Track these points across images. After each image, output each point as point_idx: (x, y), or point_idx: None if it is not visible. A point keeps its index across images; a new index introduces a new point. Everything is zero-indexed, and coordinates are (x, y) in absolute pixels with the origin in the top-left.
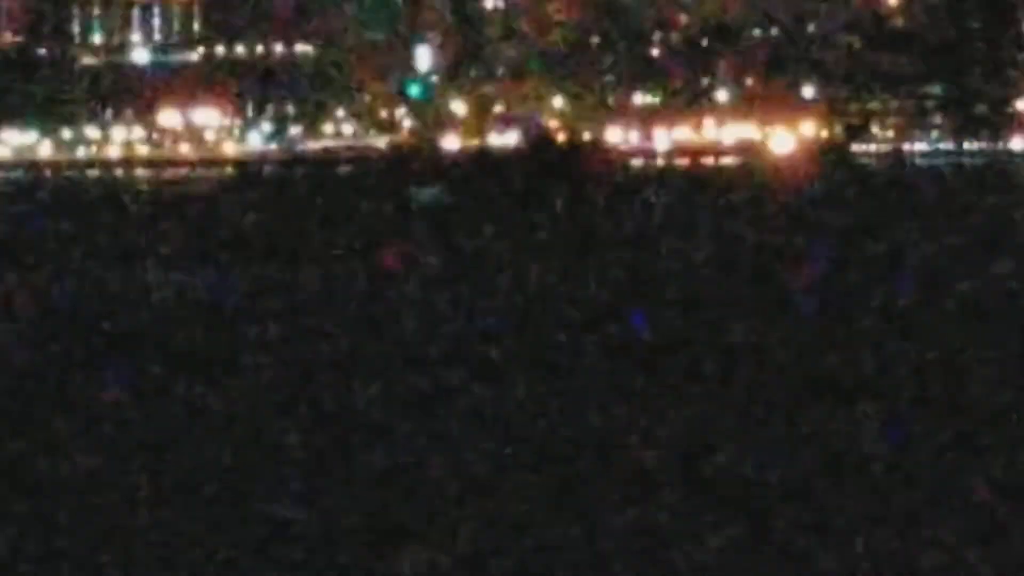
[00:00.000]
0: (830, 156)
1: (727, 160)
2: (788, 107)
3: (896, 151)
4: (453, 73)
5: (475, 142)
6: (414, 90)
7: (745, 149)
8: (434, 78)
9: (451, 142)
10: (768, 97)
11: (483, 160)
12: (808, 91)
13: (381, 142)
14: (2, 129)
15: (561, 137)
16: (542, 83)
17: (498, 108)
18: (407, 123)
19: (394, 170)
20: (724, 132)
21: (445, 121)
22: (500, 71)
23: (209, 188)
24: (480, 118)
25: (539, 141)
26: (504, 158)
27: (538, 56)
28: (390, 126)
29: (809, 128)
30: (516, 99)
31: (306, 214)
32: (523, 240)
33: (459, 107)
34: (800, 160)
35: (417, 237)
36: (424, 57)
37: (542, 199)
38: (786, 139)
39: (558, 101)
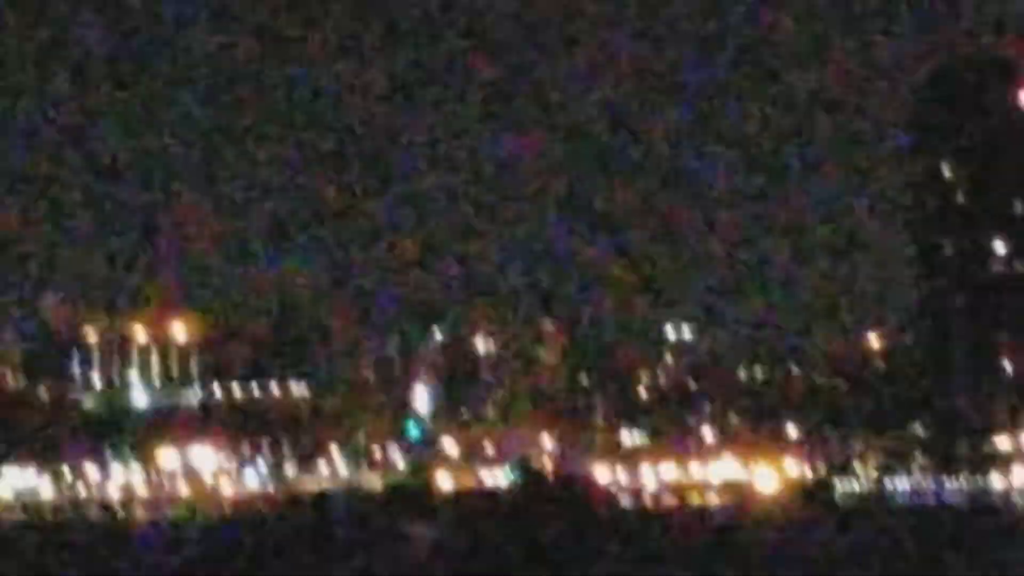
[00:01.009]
0: (814, 495)
1: (713, 499)
2: (772, 446)
3: (879, 489)
4: (448, 414)
5: (468, 481)
6: (413, 433)
7: (731, 488)
8: (428, 421)
9: (444, 481)
10: (751, 435)
11: (477, 499)
12: (792, 431)
13: (375, 481)
14: (2, 467)
15: (551, 474)
16: (532, 423)
17: (489, 447)
18: (401, 463)
19: (389, 508)
20: (710, 471)
21: (439, 460)
22: (491, 412)
23: (206, 528)
24: (472, 457)
25: (532, 480)
26: (497, 497)
27: (528, 397)
28: (384, 465)
29: (792, 466)
30: (506, 438)
31: (297, 557)
32: None
33: (452, 446)
34: (779, 500)
35: None
36: (423, 398)
37: (536, 538)
38: (770, 478)
39: (547, 440)
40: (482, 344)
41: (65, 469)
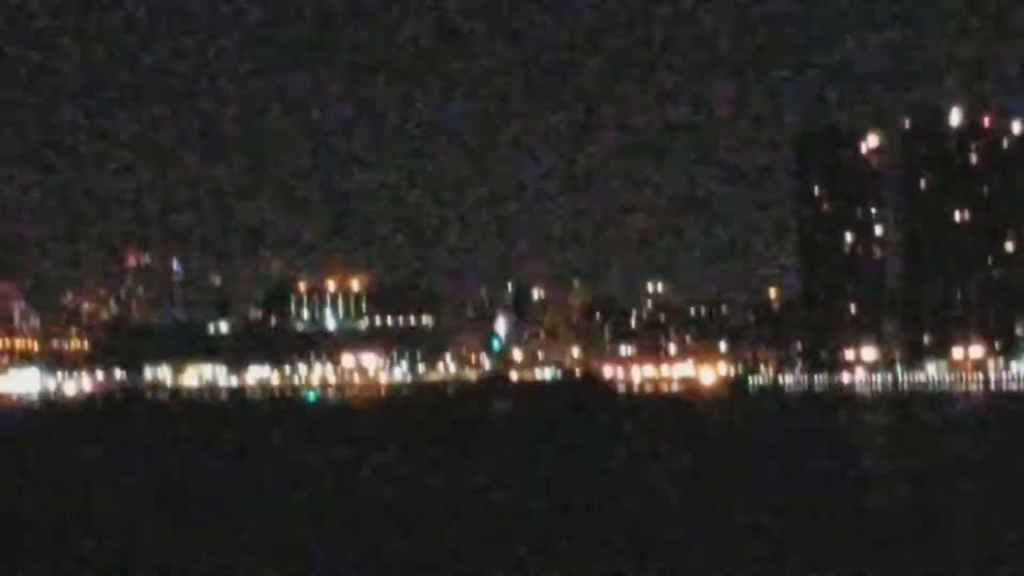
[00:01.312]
0: (735, 387)
1: (674, 387)
2: (711, 354)
3: (774, 383)
4: (516, 334)
5: (528, 376)
6: (496, 346)
7: (686, 381)
8: (504, 339)
9: (513, 375)
10: (698, 349)
11: (533, 386)
12: (723, 346)
13: (475, 374)
14: (252, 367)
15: (577, 372)
16: (566, 340)
17: (540, 355)
18: (487, 364)
19: (480, 391)
20: (673, 371)
21: (510, 363)
22: (541, 333)
23: (369, 402)
24: (530, 361)
25: (566, 375)
26: (545, 384)
27: (563, 322)
28: (479, 365)
29: (723, 367)
30: (550, 348)
31: (428, 415)
32: (556, 432)
33: (518, 354)
34: (716, 388)
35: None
36: (501, 325)
37: (569, 409)
38: (708, 375)
39: (575, 351)
40: (536, 292)
41: (287, 367)
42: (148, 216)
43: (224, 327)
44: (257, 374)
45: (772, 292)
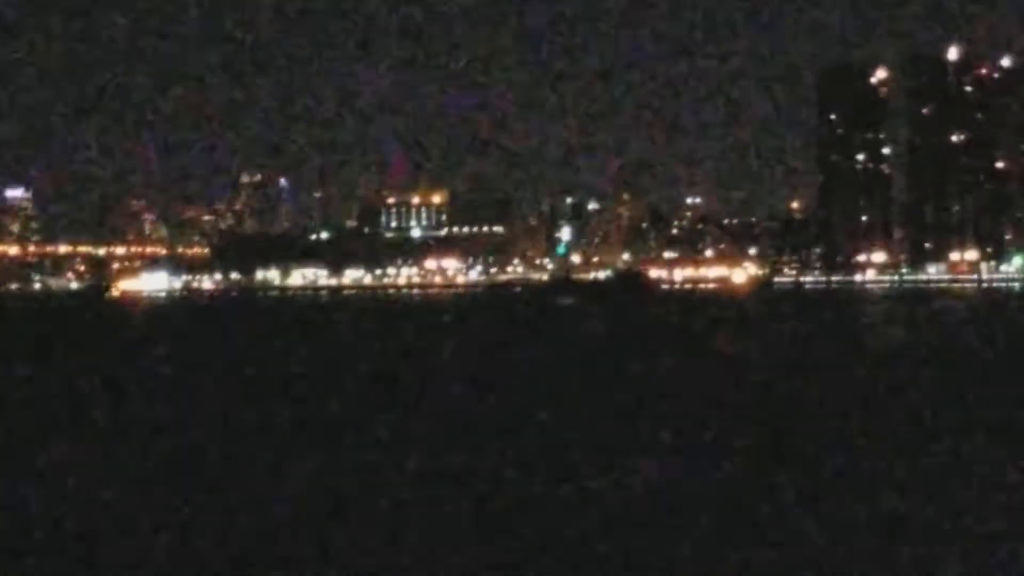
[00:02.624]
0: (761, 284)
1: (711, 285)
2: (742, 257)
3: (796, 282)
4: (576, 242)
5: (588, 276)
6: (560, 251)
7: (720, 280)
8: (567, 246)
9: (574, 276)
10: (731, 254)
11: (592, 283)
12: (752, 250)
13: (538, 275)
14: (348, 269)
15: (628, 272)
16: (617, 247)
17: (595, 259)
18: (551, 265)
19: (548, 289)
20: (709, 271)
21: (572, 265)
22: (596, 240)
23: (447, 297)
24: (587, 264)
25: (619, 274)
26: (601, 282)
27: (616, 230)
28: (543, 267)
29: (752, 268)
30: (604, 253)
31: (497, 310)
32: (615, 323)
33: (577, 259)
34: (746, 287)
35: (561, 321)
36: (565, 233)
37: (621, 302)
38: (739, 276)
39: (624, 255)
40: (591, 204)
41: (378, 271)
42: (258, 140)
43: (324, 235)
44: (352, 275)
45: (795, 204)
